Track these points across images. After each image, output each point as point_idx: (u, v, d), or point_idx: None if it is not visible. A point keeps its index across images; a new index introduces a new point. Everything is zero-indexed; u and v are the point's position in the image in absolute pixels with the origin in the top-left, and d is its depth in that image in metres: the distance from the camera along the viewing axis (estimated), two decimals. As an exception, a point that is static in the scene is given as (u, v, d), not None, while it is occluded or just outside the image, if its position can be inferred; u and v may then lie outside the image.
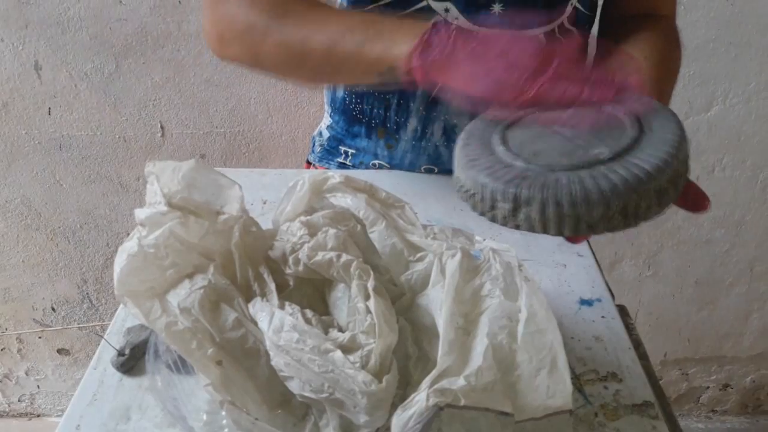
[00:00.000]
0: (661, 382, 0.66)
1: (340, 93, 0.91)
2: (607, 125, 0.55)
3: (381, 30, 0.63)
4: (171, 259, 0.51)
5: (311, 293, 0.57)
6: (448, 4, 0.76)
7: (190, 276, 0.52)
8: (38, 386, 1.83)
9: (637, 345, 0.67)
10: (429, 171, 0.91)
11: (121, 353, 0.64)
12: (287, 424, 0.51)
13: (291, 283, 0.57)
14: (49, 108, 1.40)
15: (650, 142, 0.53)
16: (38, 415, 1.88)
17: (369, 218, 0.61)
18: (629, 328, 0.69)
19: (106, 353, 0.65)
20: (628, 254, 1.62)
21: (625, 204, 0.49)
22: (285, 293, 0.56)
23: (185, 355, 0.49)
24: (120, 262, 0.50)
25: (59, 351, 1.75)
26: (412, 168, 0.91)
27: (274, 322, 0.49)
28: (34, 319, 1.70)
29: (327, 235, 0.55)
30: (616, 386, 0.61)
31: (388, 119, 0.88)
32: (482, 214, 0.53)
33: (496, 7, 0.76)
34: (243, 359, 0.50)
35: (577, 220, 0.49)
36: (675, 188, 0.53)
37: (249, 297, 0.53)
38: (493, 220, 0.53)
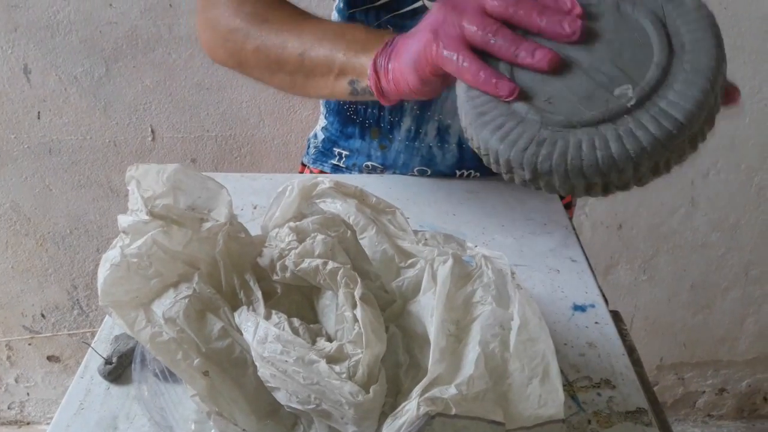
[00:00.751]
0: (656, 387, 0.66)
1: None
2: (630, 43, 0.48)
3: (350, 41, 0.67)
4: (154, 268, 0.50)
5: (300, 300, 0.56)
6: None
7: (174, 285, 0.51)
8: (28, 394, 1.81)
9: (631, 351, 0.67)
10: (422, 173, 0.90)
11: (108, 361, 0.63)
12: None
13: (279, 290, 0.56)
14: (39, 112, 1.39)
15: (682, 71, 0.46)
16: (28, 423, 1.86)
17: (359, 224, 0.60)
18: (623, 334, 0.68)
19: (93, 361, 0.64)
20: (624, 259, 1.62)
21: (657, 162, 0.45)
22: (272, 300, 0.55)
23: (171, 366, 0.48)
24: (103, 271, 0.49)
25: (49, 358, 1.74)
26: (405, 169, 0.90)
27: (259, 332, 0.48)
28: (23, 326, 1.69)
29: (315, 242, 0.54)
30: (610, 393, 0.60)
31: (382, 119, 0.87)
32: (498, 172, 0.50)
33: None
34: (230, 369, 0.49)
35: (605, 185, 0.46)
36: (711, 124, 0.47)
37: (235, 305, 0.52)
38: (511, 180, 0.49)
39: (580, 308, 0.70)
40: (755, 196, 1.53)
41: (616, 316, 0.72)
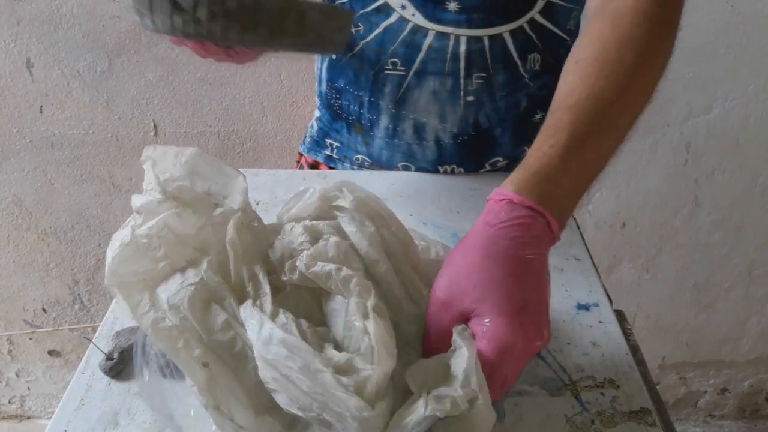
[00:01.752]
0: (658, 386, 0.65)
1: (323, 87, 0.91)
2: None
3: None
4: (164, 251, 0.49)
5: (308, 299, 0.54)
6: (404, 1, 0.76)
7: (182, 270, 0.49)
8: (29, 388, 1.81)
9: (635, 351, 0.66)
10: (406, 168, 0.90)
11: (109, 357, 0.63)
12: (273, 430, 0.49)
13: (288, 286, 0.54)
14: (41, 106, 1.39)
15: None
16: (28, 417, 1.86)
17: (370, 257, 0.55)
18: (627, 333, 0.68)
19: (94, 357, 0.64)
20: (627, 257, 1.61)
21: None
22: (281, 296, 0.53)
23: (170, 354, 0.47)
24: (112, 250, 0.48)
25: (50, 352, 1.74)
26: (389, 164, 0.90)
27: (263, 333, 0.46)
28: (24, 320, 1.68)
29: (328, 244, 0.52)
30: (613, 393, 0.60)
31: (362, 116, 0.88)
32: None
33: (452, 5, 0.75)
34: (230, 362, 0.48)
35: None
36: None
37: (243, 297, 0.51)
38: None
39: (584, 307, 0.69)
40: (759, 196, 1.53)
41: (620, 315, 0.71)
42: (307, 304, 0.54)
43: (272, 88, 1.39)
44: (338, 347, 0.49)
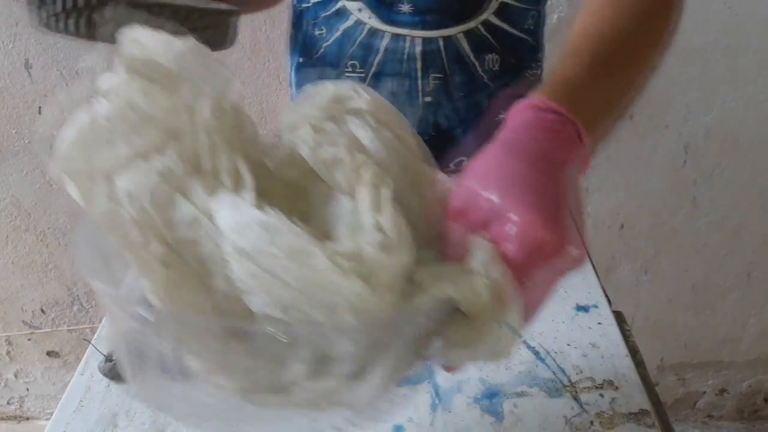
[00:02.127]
0: (657, 387, 0.65)
1: (294, 91, 0.92)
2: None
3: None
4: (127, 135, 0.41)
5: (304, 201, 0.45)
6: (361, 4, 0.78)
7: (146, 157, 0.41)
8: (27, 389, 1.81)
9: (634, 352, 0.67)
10: None
11: (108, 359, 0.63)
12: (241, 361, 0.39)
13: (278, 186, 0.45)
14: (40, 107, 1.38)
15: None
16: (27, 418, 1.86)
17: (385, 166, 0.45)
18: (626, 335, 0.68)
19: (93, 358, 0.64)
20: (625, 259, 1.61)
21: None
22: (268, 195, 0.43)
23: (125, 248, 0.39)
24: (67, 135, 0.41)
25: (48, 353, 1.73)
26: None
27: (239, 217, 0.38)
28: (23, 321, 1.68)
29: (339, 134, 0.44)
30: (613, 394, 0.60)
31: None
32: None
33: (405, 7, 0.77)
34: (196, 267, 0.40)
35: None
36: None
37: (217, 191, 0.42)
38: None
39: (583, 309, 0.70)
40: (758, 198, 1.53)
41: (618, 316, 0.71)
42: (301, 207, 0.44)
43: (272, 89, 1.38)
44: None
